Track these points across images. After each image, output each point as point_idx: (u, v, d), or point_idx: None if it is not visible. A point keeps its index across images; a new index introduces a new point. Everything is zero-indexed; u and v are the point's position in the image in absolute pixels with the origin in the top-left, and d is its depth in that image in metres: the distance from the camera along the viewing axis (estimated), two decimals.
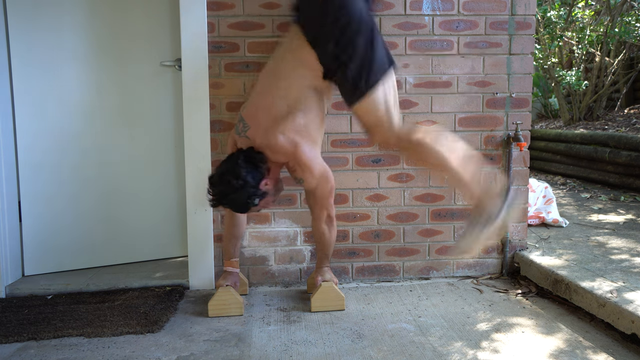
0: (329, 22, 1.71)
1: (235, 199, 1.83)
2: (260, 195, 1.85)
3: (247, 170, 1.80)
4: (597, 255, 2.27)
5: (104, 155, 2.50)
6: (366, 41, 1.70)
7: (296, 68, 1.83)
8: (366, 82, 1.71)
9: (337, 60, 1.73)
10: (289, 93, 1.84)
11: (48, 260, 2.45)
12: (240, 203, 1.84)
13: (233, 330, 1.85)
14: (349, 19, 1.70)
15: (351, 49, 1.70)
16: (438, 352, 1.65)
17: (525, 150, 2.34)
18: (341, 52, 1.71)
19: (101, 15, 2.44)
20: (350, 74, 1.72)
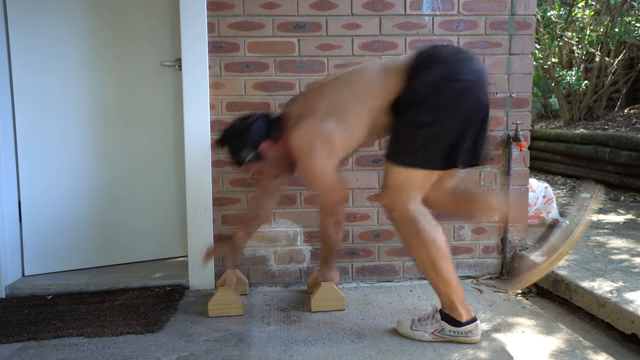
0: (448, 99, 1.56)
1: (232, 141, 1.78)
2: (256, 153, 1.76)
3: (258, 122, 1.77)
4: (597, 255, 2.27)
5: (104, 155, 2.50)
6: (455, 136, 1.59)
7: (374, 87, 1.67)
8: (420, 158, 1.61)
9: (419, 123, 1.59)
10: (343, 100, 1.69)
11: (48, 260, 2.45)
12: (235, 148, 1.78)
13: (233, 330, 1.85)
14: (478, 113, 1.61)
15: (440, 129, 1.58)
16: (438, 352, 1.65)
17: (525, 150, 2.34)
18: (430, 122, 1.58)
19: (101, 16, 2.44)
20: (416, 141, 1.60)
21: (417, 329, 1.74)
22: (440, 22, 2.28)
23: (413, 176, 1.63)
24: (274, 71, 2.27)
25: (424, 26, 2.28)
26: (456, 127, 1.58)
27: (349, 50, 2.27)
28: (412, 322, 1.76)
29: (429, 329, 1.72)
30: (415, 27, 2.28)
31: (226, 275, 2.23)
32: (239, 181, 2.31)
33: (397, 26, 2.28)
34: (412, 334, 1.74)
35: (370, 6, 2.25)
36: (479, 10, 2.29)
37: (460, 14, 2.29)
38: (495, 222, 2.39)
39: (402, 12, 2.27)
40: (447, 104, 1.56)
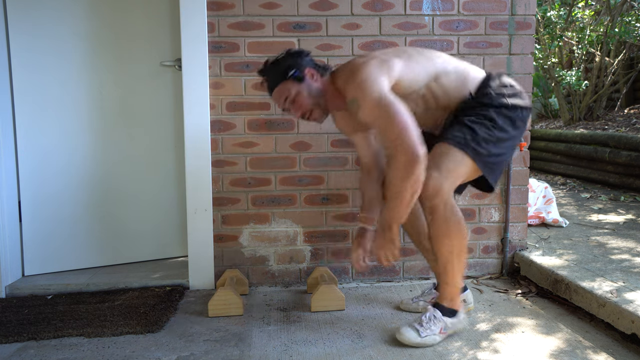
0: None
1: (279, 62, 1.74)
2: (301, 75, 1.72)
3: (305, 53, 1.77)
4: (597, 255, 2.27)
5: (104, 155, 2.50)
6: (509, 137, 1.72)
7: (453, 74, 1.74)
8: (491, 163, 1.70)
9: (506, 132, 1.70)
10: (421, 66, 1.71)
11: (48, 260, 2.45)
12: (281, 67, 1.73)
13: (233, 330, 1.85)
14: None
15: (512, 151, 1.79)
16: (438, 352, 1.65)
17: (525, 150, 2.34)
18: (512, 138, 1.73)
19: (101, 15, 2.44)
20: (499, 146, 1.69)
21: (426, 335, 1.68)
22: (440, 22, 2.28)
23: (470, 171, 1.68)
24: None
25: (424, 26, 2.28)
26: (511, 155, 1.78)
27: (349, 50, 2.27)
28: (415, 329, 1.69)
29: (435, 329, 1.70)
30: (415, 27, 2.28)
31: (226, 275, 2.23)
32: (239, 181, 2.31)
33: (397, 26, 2.28)
34: (424, 342, 1.68)
35: (370, 6, 2.26)
36: (479, 10, 2.29)
37: (460, 14, 2.29)
38: (495, 221, 2.39)
39: (402, 12, 2.27)
40: (521, 132, 1.75)
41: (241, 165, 2.30)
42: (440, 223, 1.65)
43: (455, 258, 1.68)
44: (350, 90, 1.65)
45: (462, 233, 1.67)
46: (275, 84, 1.74)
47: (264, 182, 2.31)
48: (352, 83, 1.64)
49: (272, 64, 1.75)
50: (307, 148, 2.31)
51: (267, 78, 1.77)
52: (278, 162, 2.31)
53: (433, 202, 1.63)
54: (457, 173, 1.66)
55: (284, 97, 1.74)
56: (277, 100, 1.76)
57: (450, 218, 1.65)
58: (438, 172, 1.61)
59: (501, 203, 2.38)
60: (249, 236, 2.33)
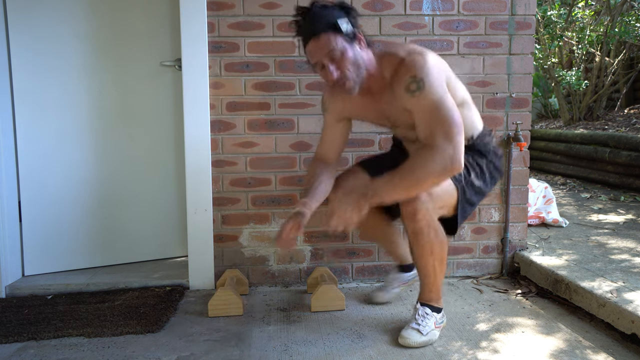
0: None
1: (329, 10, 1.51)
2: (354, 34, 1.54)
3: (357, 14, 1.57)
4: (597, 255, 2.27)
5: (104, 155, 2.50)
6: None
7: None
8: (473, 201, 1.76)
9: (490, 176, 1.79)
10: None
11: (48, 260, 2.45)
12: (331, 15, 1.49)
13: (233, 330, 1.85)
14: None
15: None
16: (438, 352, 1.65)
17: (525, 150, 2.34)
18: (491, 184, 1.82)
19: (101, 15, 2.44)
20: (482, 189, 1.77)
21: (427, 332, 1.70)
22: (440, 22, 2.28)
23: (450, 206, 1.70)
24: (274, 71, 2.27)
25: (424, 26, 2.28)
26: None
27: None
28: (415, 329, 1.70)
29: (431, 325, 1.72)
30: (415, 27, 2.28)
31: (226, 275, 2.24)
32: (239, 181, 2.31)
33: (397, 26, 2.28)
34: (429, 339, 1.69)
35: (370, 6, 2.26)
36: (479, 10, 2.29)
37: (460, 14, 2.29)
38: (495, 221, 2.39)
39: (402, 12, 2.27)
40: (489, 192, 1.84)
41: (241, 165, 2.30)
42: (424, 244, 1.65)
43: (438, 267, 1.71)
44: (407, 75, 1.52)
45: (444, 246, 1.69)
46: (319, 31, 1.49)
47: (264, 182, 2.31)
48: (414, 68, 1.51)
49: (321, 7, 1.51)
50: (307, 148, 2.30)
51: (308, 21, 1.51)
52: (278, 162, 2.31)
53: (419, 225, 1.61)
54: (443, 203, 1.67)
55: (327, 50, 1.50)
56: (314, 51, 1.52)
57: (434, 240, 1.65)
58: (429, 196, 1.60)
59: (501, 203, 2.38)
60: (249, 236, 2.33)
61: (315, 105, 2.28)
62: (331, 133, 1.83)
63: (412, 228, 1.63)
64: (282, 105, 2.28)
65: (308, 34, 1.52)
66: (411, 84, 1.52)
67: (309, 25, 1.51)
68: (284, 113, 2.28)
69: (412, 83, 1.51)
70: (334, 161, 1.85)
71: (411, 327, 1.71)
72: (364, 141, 2.30)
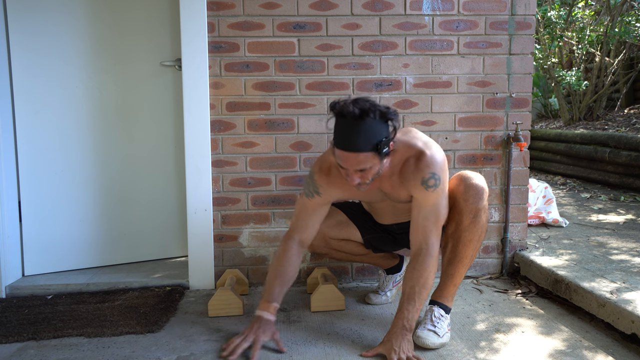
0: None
1: (377, 125, 1.49)
2: (388, 151, 1.56)
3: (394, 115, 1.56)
4: (597, 255, 2.27)
5: (103, 155, 2.50)
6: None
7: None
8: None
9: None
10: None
11: (48, 260, 2.45)
12: (377, 132, 1.49)
13: (233, 330, 1.85)
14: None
15: None
16: (438, 352, 1.65)
17: (525, 150, 2.34)
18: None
19: (101, 15, 2.44)
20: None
21: (443, 334, 1.70)
22: (440, 22, 2.28)
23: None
24: (274, 71, 2.27)
25: (424, 26, 2.28)
26: None
27: (349, 50, 2.27)
28: (432, 331, 1.68)
29: (445, 327, 1.72)
30: (415, 27, 2.28)
31: (226, 275, 2.24)
32: (239, 181, 2.31)
33: (397, 26, 2.28)
34: (444, 341, 1.69)
35: (370, 6, 2.26)
36: (479, 10, 2.29)
37: (460, 14, 2.29)
38: (495, 221, 2.39)
39: (402, 12, 2.27)
40: None
41: (241, 165, 2.30)
42: (480, 227, 1.73)
43: (470, 263, 1.79)
44: (428, 170, 1.61)
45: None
46: (363, 150, 1.50)
47: (264, 182, 2.31)
48: (435, 166, 1.61)
49: (375, 119, 1.50)
50: (307, 148, 2.31)
51: (356, 132, 1.49)
52: (278, 162, 2.31)
53: (480, 205, 1.71)
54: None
55: (361, 166, 1.54)
56: (349, 161, 1.53)
57: (486, 224, 1.76)
58: (481, 180, 1.74)
59: (501, 203, 2.38)
60: (249, 236, 2.33)
61: (315, 105, 2.28)
62: (314, 218, 1.80)
63: (474, 209, 1.71)
64: (282, 105, 2.28)
65: (350, 147, 1.51)
66: (430, 180, 1.61)
67: (354, 138, 1.50)
68: (284, 113, 2.28)
69: (432, 179, 1.61)
70: (306, 243, 1.83)
71: (427, 328, 1.70)
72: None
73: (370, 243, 2.01)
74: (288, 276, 1.77)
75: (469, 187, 1.71)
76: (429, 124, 2.32)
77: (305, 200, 1.78)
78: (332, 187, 1.73)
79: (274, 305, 1.72)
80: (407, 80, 2.30)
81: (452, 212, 1.74)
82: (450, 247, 1.76)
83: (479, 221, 1.72)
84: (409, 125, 2.31)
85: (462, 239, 1.73)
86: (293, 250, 1.79)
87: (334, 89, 2.28)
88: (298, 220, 1.81)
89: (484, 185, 1.73)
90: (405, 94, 2.30)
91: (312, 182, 1.75)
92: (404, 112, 2.30)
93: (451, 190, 1.75)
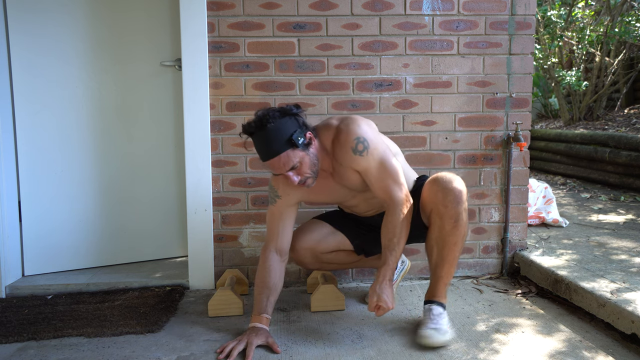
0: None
1: (281, 125, 1.57)
2: (306, 141, 1.61)
3: (298, 110, 1.64)
4: (597, 255, 2.27)
5: (103, 155, 2.50)
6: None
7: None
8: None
9: None
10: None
11: (48, 260, 2.45)
12: (283, 132, 1.56)
13: (233, 330, 1.85)
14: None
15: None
16: (438, 352, 1.65)
17: (525, 150, 2.34)
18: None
19: (101, 15, 2.44)
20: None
21: (445, 331, 1.70)
22: (440, 22, 2.28)
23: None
24: (274, 71, 2.27)
25: (424, 26, 2.28)
26: None
27: (349, 50, 2.27)
28: (435, 329, 1.68)
29: (446, 324, 1.73)
30: (415, 27, 2.28)
31: (226, 275, 2.24)
32: (239, 181, 2.31)
33: (397, 26, 2.28)
34: (449, 339, 1.69)
35: (370, 6, 2.26)
36: (479, 10, 2.29)
37: (460, 14, 2.29)
38: (495, 221, 2.39)
39: (402, 12, 2.27)
40: None
41: (241, 165, 2.30)
42: (462, 229, 1.74)
43: (456, 261, 1.79)
44: (350, 138, 1.65)
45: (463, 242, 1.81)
46: (279, 152, 1.58)
47: (264, 182, 2.31)
48: (354, 131, 1.65)
49: (273, 122, 1.57)
50: None
51: (265, 142, 1.58)
52: None
53: (460, 208, 1.71)
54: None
55: (289, 166, 1.61)
56: (277, 167, 1.62)
57: (467, 222, 1.77)
58: (458, 182, 1.74)
59: (501, 203, 2.38)
60: (249, 236, 2.33)
61: (315, 105, 2.28)
62: (283, 222, 1.81)
63: (453, 213, 1.71)
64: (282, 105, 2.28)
65: (267, 155, 1.61)
66: (358, 145, 1.66)
67: (266, 146, 1.59)
68: None
69: (359, 144, 1.66)
70: (286, 252, 1.84)
71: (430, 327, 1.70)
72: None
73: (360, 248, 2.02)
74: (273, 286, 1.79)
75: (447, 192, 1.71)
76: (429, 124, 2.32)
77: (271, 208, 1.82)
78: (287, 187, 1.77)
79: (264, 316, 1.75)
80: (407, 80, 2.30)
81: (433, 217, 1.76)
82: (436, 252, 1.77)
83: (460, 224, 1.73)
84: (409, 124, 2.31)
85: (447, 243, 1.74)
86: (271, 260, 1.80)
87: (334, 89, 2.28)
88: (270, 230, 1.84)
89: (462, 188, 1.73)
90: (405, 94, 2.30)
91: (271, 189, 1.82)
92: (404, 112, 2.30)
93: (428, 195, 1.77)
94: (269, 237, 1.84)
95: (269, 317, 1.76)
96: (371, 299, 1.67)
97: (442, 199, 1.71)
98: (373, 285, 1.69)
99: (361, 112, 2.29)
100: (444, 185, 1.73)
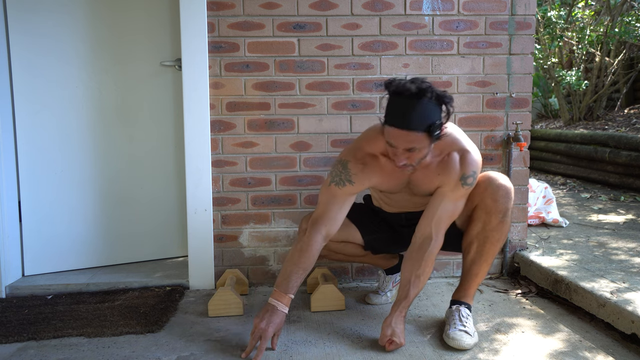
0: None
1: (432, 106, 1.49)
2: (439, 135, 1.55)
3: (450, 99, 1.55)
4: (597, 255, 2.27)
5: (103, 155, 2.50)
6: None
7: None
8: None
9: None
10: None
11: (48, 260, 2.45)
12: (431, 113, 1.48)
13: (233, 330, 1.85)
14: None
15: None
16: (438, 352, 1.65)
17: (525, 150, 2.34)
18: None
19: (101, 15, 2.44)
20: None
21: (473, 333, 1.70)
22: (440, 22, 2.28)
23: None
24: (274, 71, 2.27)
25: (424, 26, 2.28)
26: None
27: (349, 50, 2.27)
28: (464, 331, 1.67)
29: (474, 326, 1.74)
30: (415, 27, 2.28)
31: (226, 275, 2.24)
32: (239, 181, 2.31)
33: (397, 26, 2.28)
34: (476, 341, 1.69)
35: (370, 6, 2.26)
36: (479, 10, 2.29)
37: (460, 14, 2.29)
38: None
39: (402, 12, 2.27)
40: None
41: (241, 165, 2.30)
42: (506, 227, 1.75)
43: (492, 262, 1.84)
44: (470, 169, 1.65)
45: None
46: (416, 129, 1.49)
47: (264, 182, 2.31)
48: (477, 166, 1.66)
49: (431, 101, 1.49)
50: (307, 148, 2.31)
51: (412, 111, 1.47)
52: (278, 162, 2.31)
53: (509, 204, 1.72)
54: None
55: (411, 146, 1.53)
56: (399, 139, 1.52)
57: (510, 225, 1.80)
58: (508, 180, 1.75)
59: None
60: (249, 236, 2.33)
61: (315, 105, 2.28)
62: (342, 208, 1.75)
63: (502, 209, 1.71)
64: (282, 105, 2.28)
65: (404, 124, 1.49)
66: (469, 178, 1.66)
67: (409, 116, 1.48)
68: (284, 113, 2.28)
69: (471, 178, 1.66)
70: (330, 234, 1.77)
71: (459, 329, 1.69)
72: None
73: (370, 244, 2.00)
74: (307, 268, 1.72)
75: (498, 187, 1.72)
76: None
77: (335, 190, 1.72)
78: (366, 174, 1.70)
79: (289, 296, 1.69)
80: None
81: (478, 212, 1.74)
82: (476, 247, 1.76)
83: (506, 221, 1.74)
84: None
85: (489, 239, 1.74)
86: (318, 243, 1.73)
87: (334, 89, 2.28)
88: (325, 210, 1.74)
89: (511, 186, 1.75)
90: None
91: (345, 171, 1.71)
92: None
93: (477, 190, 1.73)
94: (322, 218, 1.74)
95: (293, 297, 1.70)
96: (385, 331, 1.64)
97: (493, 193, 1.70)
98: (388, 318, 1.67)
99: (361, 112, 2.29)
100: (493, 181, 1.73)
